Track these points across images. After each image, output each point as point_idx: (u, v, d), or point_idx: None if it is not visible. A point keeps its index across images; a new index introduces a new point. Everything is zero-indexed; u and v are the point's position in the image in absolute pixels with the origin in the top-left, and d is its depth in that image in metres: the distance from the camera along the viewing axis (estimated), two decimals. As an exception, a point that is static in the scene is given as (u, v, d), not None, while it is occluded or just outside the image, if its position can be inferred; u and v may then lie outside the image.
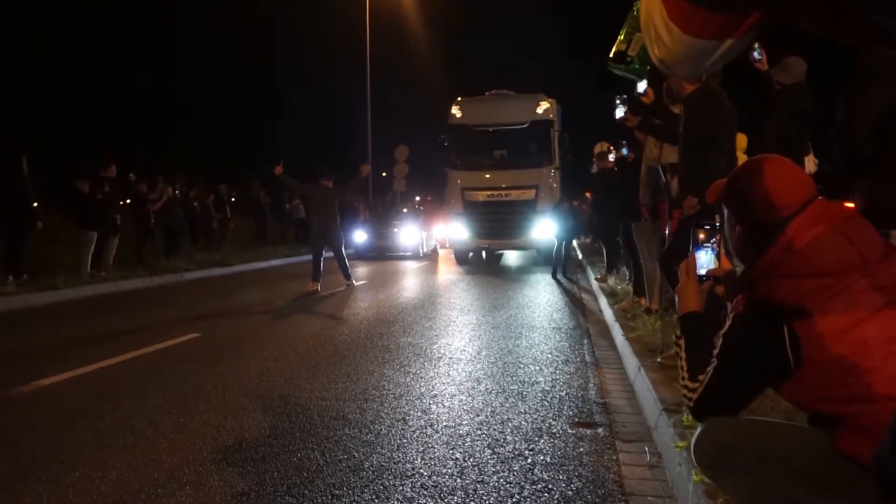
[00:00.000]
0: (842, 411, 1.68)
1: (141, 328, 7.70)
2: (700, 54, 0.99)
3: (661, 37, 1.02)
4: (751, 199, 1.92)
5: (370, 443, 3.74)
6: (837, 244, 1.74)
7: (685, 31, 0.98)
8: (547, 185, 16.63)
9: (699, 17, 0.96)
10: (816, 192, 1.90)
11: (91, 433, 3.96)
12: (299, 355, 6.14)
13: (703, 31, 0.96)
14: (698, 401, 1.92)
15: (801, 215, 1.82)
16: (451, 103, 18.22)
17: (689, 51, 0.99)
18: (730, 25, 0.95)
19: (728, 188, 2.02)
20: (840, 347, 1.65)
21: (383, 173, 34.98)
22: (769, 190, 1.88)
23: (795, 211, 1.83)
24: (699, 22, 0.96)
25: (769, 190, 1.88)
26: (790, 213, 1.84)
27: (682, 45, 0.99)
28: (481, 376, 5.29)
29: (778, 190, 1.87)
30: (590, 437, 3.85)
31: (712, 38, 0.97)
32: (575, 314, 8.77)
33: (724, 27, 0.95)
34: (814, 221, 1.79)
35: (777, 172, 1.92)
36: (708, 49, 0.98)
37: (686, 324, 2.14)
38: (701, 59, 1.00)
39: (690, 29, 0.97)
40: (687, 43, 0.99)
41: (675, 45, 1.00)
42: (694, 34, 0.97)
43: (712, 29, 0.96)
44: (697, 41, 0.98)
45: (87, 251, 12.39)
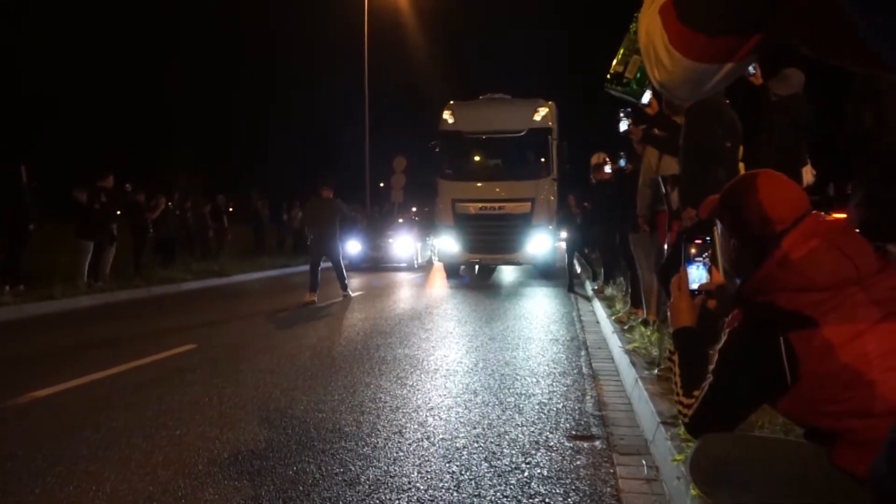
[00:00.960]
0: (839, 426, 1.67)
1: (137, 339, 7.68)
2: (700, 78, 1.01)
3: (661, 60, 1.03)
4: (745, 213, 1.92)
5: (367, 456, 3.73)
6: (833, 258, 1.74)
7: (686, 55, 0.99)
8: (544, 198, 15.47)
9: (700, 41, 0.97)
10: (810, 207, 1.90)
11: (86, 446, 3.94)
12: (296, 367, 6.12)
13: (703, 56, 0.97)
14: (694, 417, 1.91)
15: (796, 230, 1.82)
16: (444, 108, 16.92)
17: (690, 75, 1.01)
18: (730, 50, 0.96)
19: (722, 203, 2.02)
20: (838, 362, 1.65)
21: (381, 183, 35.03)
22: (763, 205, 1.88)
23: (790, 225, 1.83)
24: (700, 46, 0.97)
25: (763, 205, 1.88)
26: (784, 227, 1.84)
27: (683, 69, 1.00)
28: (478, 388, 5.28)
29: (772, 205, 1.87)
30: (587, 450, 3.84)
31: (712, 63, 0.98)
32: (572, 325, 8.76)
33: (724, 52, 0.96)
34: (808, 236, 1.79)
35: (771, 187, 1.92)
36: (709, 73, 1.00)
37: (679, 339, 2.13)
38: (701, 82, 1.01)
39: (691, 53, 0.98)
40: (688, 67, 1.00)
41: (676, 68, 1.01)
42: (695, 59, 0.98)
43: (712, 53, 0.97)
44: (698, 65, 0.99)
45: (85, 261, 12.39)
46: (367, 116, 26.08)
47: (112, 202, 12.91)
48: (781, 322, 1.73)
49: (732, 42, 0.95)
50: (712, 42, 0.95)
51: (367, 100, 25.84)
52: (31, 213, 11.33)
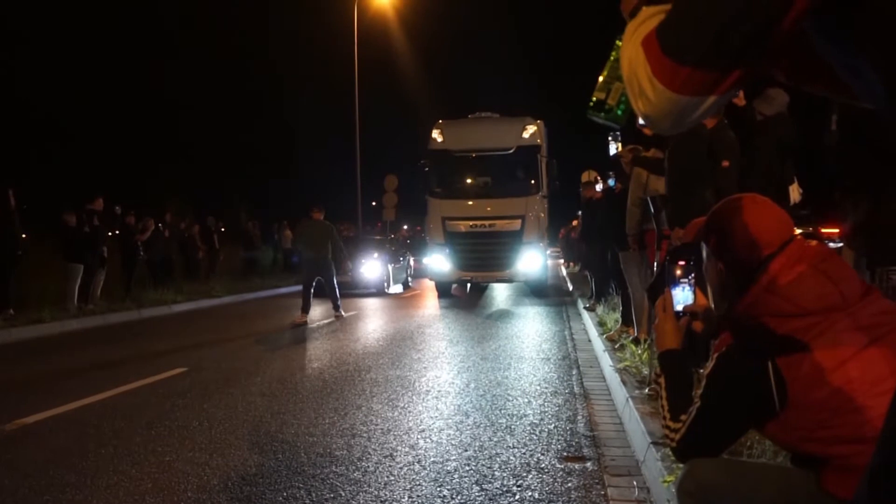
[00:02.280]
0: (828, 452, 1.67)
1: (128, 362, 7.63)
2: (684, 110, 1.02)
3: (645, 92, 1.04)
4: (732, 238, 1.92)
5: (357, 481, 3.71)
6: (818, 284, 1.74)
7: (669, 87, 1.00)
8: (534, 215, 15.58)
9: (683, 74, 0.98)
10: (795, 232, 1.91)
11: (73, 473, 3.91)
12: (287, 389, 6.09)
13: (686, 88, 0.98)
14: (681, 441, 1.91)
15: (782, 255, 1.82)
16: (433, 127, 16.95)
17: (674, 107, 1.02)
18: (713, 82, 0.97)
19: (708, 226, 2.03)
20: (826, 387, 1.65)
21: (373, 202, 35.07)
22: (750, 229, 1.88)
23: (776, 250, 1.84)
24: (683, 79, 0.98)
25: (750, 229, 1.88)
26: (771, 252, 1.84)
27: (667, 100, 1.01)
28: (470, 409, 5.27)
29: (758, 229, 1.88)
30: (578, 471, 3.83)
31: (696, 95, 0.99)
32: (563, 344, 8.76)
33: (707, 84, 0.97)
34: (795, 261, 1.80)
35: (757, 212, 1.92)
36: (692, 105, 1.01)
37: (665, 362, 2.13)
38: (685, 114, 1.02)
39: (674, 86, 0.99)
40: (671, 99, 1.01)
41: (660, 100, 1.02)
42: (678, 91, 0.99)
43: (695, 86, 0.98)
44: (681, 97, 1.00)
45: (74, 284, 12.33)
46: (358, 135, 26.16)
47: (102, 225, 12.88)
48: (769, 347, 1.74)
49: (716, 75, 0.96)
50: (695, 74, 0.96)
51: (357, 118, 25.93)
52: (19, 238, 11.30)
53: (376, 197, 29.44)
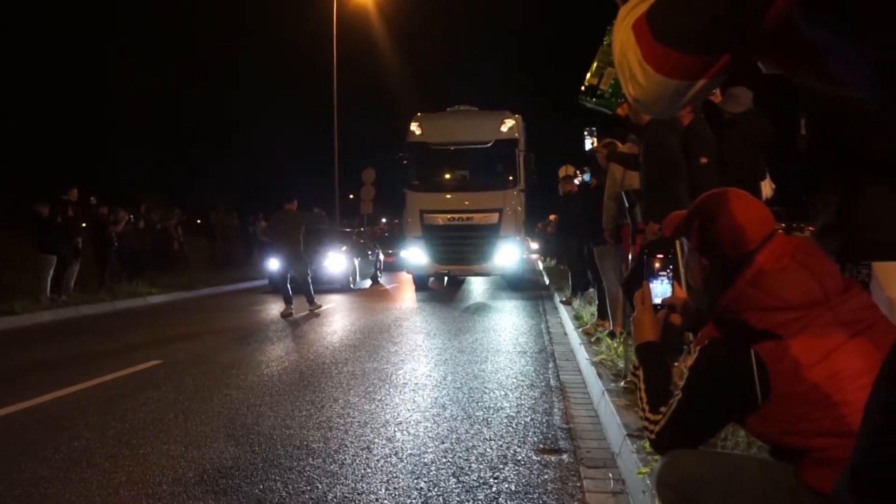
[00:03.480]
0: (808, 445, 1.69)
1: (102, 355, 7.56)
2: (674, 94, 1.03)
3: (635, 76, 1.05)
4: (715, 232, 1.92)
5: (334, 473, 3.70)
6: (802, 278, 1.76)
7: (659, 71, 1.01)
8: (511, 209, 15.66)
9: (673, 58, 0.98)
10: (777, 227, 1.93)
11: (46, 466, 3.86)
12: (263, 382, 6.07)
13: (676, 72, 1.00)
14: (660, 433, 1.92)
15: (766, 249, 1.84)
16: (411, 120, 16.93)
17: (664, 91, 1.03)
18: (702, 67, 0.98)
19: (689, 221, 2.03)
20: (808, 381, 1.67)
21: (350, 195, 34.94)
22: (735, 224, 1.89)
23: (759, 245, 1.86)
24: (673, 63, 0.99)
25: (735, 224, 1.89)
26: (754, 247, 1.86)
27: (657, 84, 1.02)
28: (447, 402, 5.28)
29: (744, 224, 1.88)
30: (554, 463, 3.86)
31: (685, 79, 1.00)
32: (540, 337, 8.81)
33: (696, 68, 0.98)
34: (778, 255, 1.81)
35: (741, 207, 1.93)
36: (681, 89, 1.02)
37: (643, 354, 2.14)
38: (675, 98, 1.03)
39: (664, 69, 1.00)
40: (661, 83, 1.02)
41: (650, 84, 1.03)
42: (668, 75, 1.00)
43: (685, 70, 0.99)
44: (671, 81, 1.01)
45: (47, 275, 12.16)
46: (336, 128, 26.03)
47: (76, 216, 12.70)
48: (752, 341, 1.75)
49: (705, 59, 0.97)
50: (685, 59, 0.97)
51: (335, 111, 25.80)
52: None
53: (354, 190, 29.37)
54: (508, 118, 16.27)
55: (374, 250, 20.98)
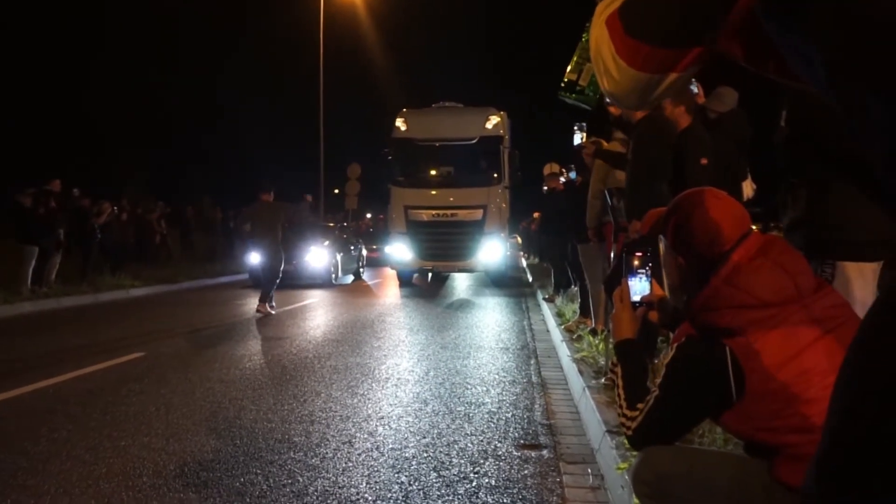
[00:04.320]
0: (781, 441, 1.72)
1: (83, 347, 7.51)
2: (646, 87, 1.06)
3: (609, 70, 1.08)
4: (691, 232, 1.95)
5: (315, 467, 3.72)
6: (776, 276, 1.79)
7: (631, 65, 1.04)
8: (496, 205, 15.72)
9: (644, 51, 1.01)
10: (752, 225, 1.96)
11: (25, 458, 3.85)
12: (246, 376, 6.06)
13: (647, 66, 1.03)
14: (637, 430, 1.94)
15: (741, 248, 1.87)
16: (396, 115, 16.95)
17: (636, 84, 1.06)
18: (673, 60, 1.01)
19: (667, 220, 2.06)
20: (780, 379, 1.70)
21: (335, 190, 34.85)
22: (710, 224, 1.92)
23: (734, 244, 1.89)
24: (643, 57, 1.02)
25: (710, 224, 1.92)
26: (730, 246, 1.89)
27: (629, 78, 1.06)
28: (429, 397, 5.31)
29: (719, 224, 1.91)
30: (535, 459, 3.89)
31: (656, 73, 1.03)
32: (522, 334, 8.85)
33: (667, 62, 1.01)
34: (753, 254, 1.84)
35: (718, 206, 1.96)
36: (653, 82, 1.05)
37: (621, 351, 2.17)
38: (647, 91, 1.07)
39: (636, 63, 1.03)
40: (633, 76, 1.05)
41: (623, 78, 1.06)
42: (639, 68, 1.04)
43: (656, 64, 1.02)
44: (643, 75, 1.04)
45: (28, 266, 12.05)
46: (322, 121, 25.95)
47: (59, 207, 12.59)
48: (728, 338, 1.78)
49: (675, 53, 1.00)
50: (655, 52, 1.00)
51: (321, 104, 25.71)
52: None
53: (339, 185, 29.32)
54: (493, 115, 16.30)
55: (357, 245, 20.78)
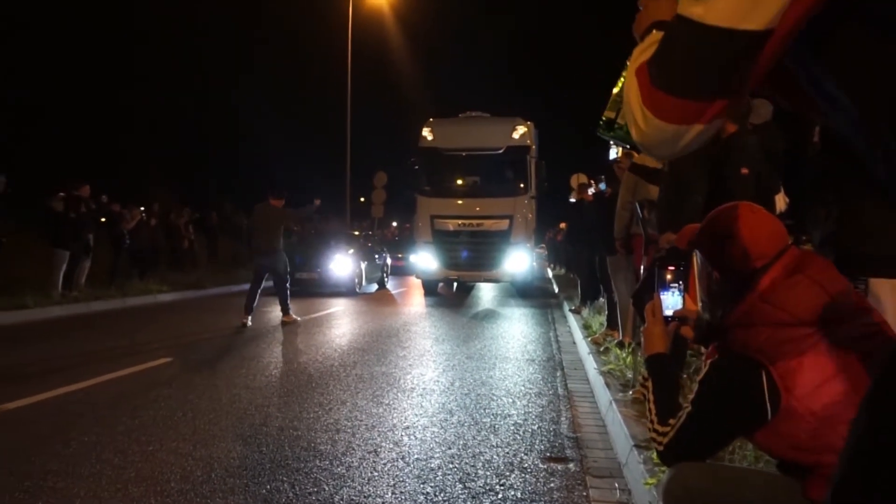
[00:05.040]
0: (816, 461, 1.68)
1: (112, 351, 7.60)
2: (672, 138, 1.07)
3: (636, 120, 1.10)
4: (728, 247, 1.92)
5: (341, 476, 3.72)
6: (813, 294, 1.75)
7: (657, 115, 1.05)
8: (522, 216, 15.66)
9: (669, 103, 1.03)
10: (790, 242, 1.93)
11: (56, 461, 3.89)
12: (271, 383, 6.09)
13: (672, 117, 1.04)
14: (668, 445, 1.92)
15: (777, 264, 1.84)
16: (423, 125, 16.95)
17: (662, 135, 1.07)
18: (698, 112, 1.02)
19: (702, 235, 2.04)
20: (818, 398, 1.66)
21: (361, 199, 35.01)
22: (746, 239, 1.89)
23: (771, 260, 1.85)
24: (669, 108, 1.03)
25: (746, 239, 1.89)
26: (766, 262, 1.86)
27: (655, 128, 1.07)
28: (454, 408, 5.29)
29: (755, 239, 1.88)
30: (561, 472, 3.86)
31: (682, 124, 1.04)
32: (548, 345, 8.80)
33: (692, 113, 1.02)
34: (790, 270, 1.81)
35: (753, 221, 1.93)
36: (679, 133, 1.06)
37: (652, 366, 2.14)
38: (673, 142, 1.08)
39: (661, 114, 1.05)
40: (659, 127, 1.06)
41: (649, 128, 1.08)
42: (664, 119, 1.05)
43: (680, 115, 1.03)
44: (669, 126, 1.05)
45: (60, 270, 12.24)
46: (349, 130, 26.11)
47: (88, 212, 12.79)
48: (763, 356, 1.75)
49: (700, 105, 1.01)
50: (681, 104, 1.02)
51: (349, 113, 25.88)
52: (4, 224, 11.25)
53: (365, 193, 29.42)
54: (520, 125, 16.26)
55: (382, 254, 20.62)
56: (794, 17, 0.94)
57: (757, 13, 0.93)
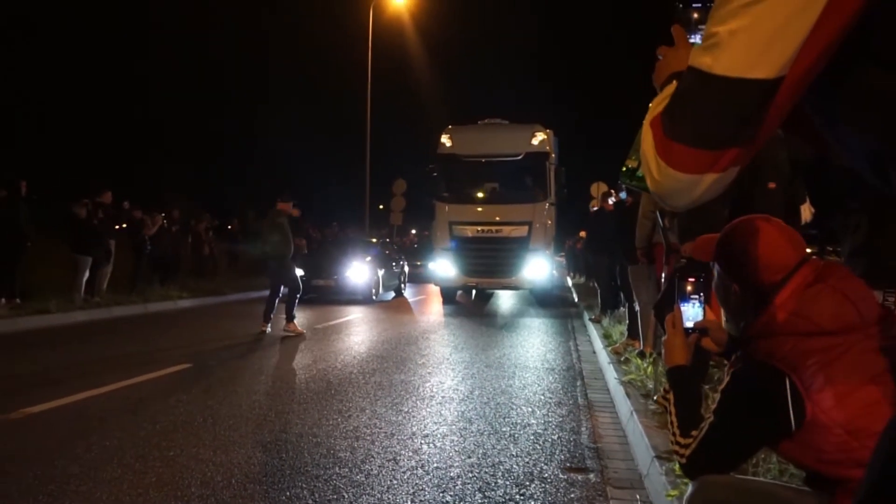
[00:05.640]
0: (844, 475, 1.64)
1: (133, 356, 7.66)
2: (687, 188, 1.07)
3: (651, 170, 1.10)
4: (745, 260, 1.89)
5: (360, 483, 3.71)
6: (836, 302, 1.73)
7: (671, 165, 1.05)
8: (541, 222, 15.55)
9: (682, 153, 1.02)
10: (809, 253, 1.91)
11: (78, 464, 3.92)
12: (291, 389, 6.10)
13: (686, 167, 1.03)
14: (691, 458, 1.88)
15: (798, 274, 1.81)
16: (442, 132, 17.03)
17: (676, 185, 1.07)
18: (711, 161, 1.01)
19: (721, 249, 2.02)
20: (845, 410, 1.63)
21: (380, 206, 35.12)
22: (765, 252, 1.86)
23: (791, 271, 1.83)
24: (682, 158, 1.03)
25: (765, 252, 1.86)
26: (786, 273, 1.84)
27: (669, 178, 1.06)
28: (473, 416, 5.27)
29: (774, 251, 1.86)
30: (581, 482, 3.82)
31: (695, 173, 1.03)
32: (568, 354, 8.75)
33: (705, 163, 1.02)
34: (811, 280, 1.79)
35: (771, 233, 1.90)
36: (694, 183, 1.06)
37: (674, 378, 2.10)
38: (688, 191, 1.08)
39: (674, 164, 1.04)
40: (672, 176, 1.06)
41: (663, 178, 1.08)
42: (678, 169, 1.04)
43: (694, 164, 1.02)
44: (682, 175, 1.04)
45: (82, 276, 12.35)
46: (369, 137, 26.21)
47: (108, 218, 12.90)
48: (786, 366, 1.72)
49: (713, 154, 1.00)
50: (694, 153, 1.01)
51: (368, 121, 25.98)
52: (27, 229, 11.39)
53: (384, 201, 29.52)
54: (539, 131, 16.21)
55: (399, 261, 20.34)
56: (806, 64, 0.93)
57: (766, 61, 0.92)
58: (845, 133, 0.97)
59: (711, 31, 0.97)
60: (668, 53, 1.33)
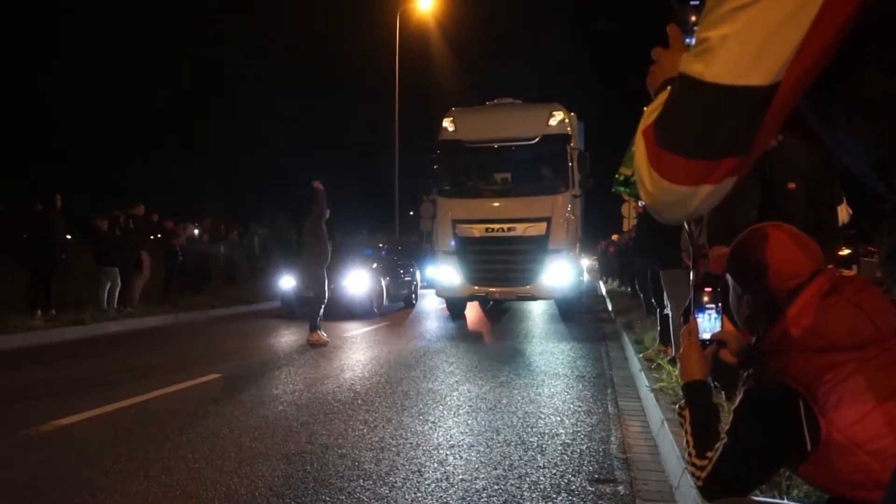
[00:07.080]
0: (866, 497, 1.56)
1: (164, 366, 7.72)
2: (681, 200, 1.02)
3: (643, 182, 1.05)
4: (757, 269, 1.82)
5: (384, 496, 3.67)
6: (851, 316, 1.64)
7: (664, 177, 1.00)
8: (562, 217, 12.65)
9: (675, 163, 0.97)
10: (825, 263, 1.82)
11: (105, 477, 3.94)
12: (317, 399, 6.09)
13: (679, 178, 0.98)
14: (707, 479, 1.79)
15: (811, 286, 1.73)
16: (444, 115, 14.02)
17: (670, 197, 1.02)
18: (705, 172, 0.96)
19: (733, 259, 1.94)
20: (864, 429, 1.54)
21: (410, 212, 35.15)
22: (774, 259, 1.79)
23: (805, 281, 1.75)
24: (675, 168, 0.98)
25: (774, 259, 1.79)
26: (799, 282, 1.76)
27: (663, 190, 1.02)
28: (500, 426, 5.20)
29: (786, 260, 1.79)
30: (609, 494, 3.74)
31: (690, 185, 0.98)
32: (599, 361, 8.63)
33: (699, 174, 0.97)
34: (825, 292, 1.71)
35: (783, 242, 1.83)
36: (688, 195, 1.00)
37: (690, 394, 2.00)
38: (683, 204, 1.02)
39: (669, 175, 0.99)
40: (666, 188, 1.01)
41: (657, 190, 1.03)
42: (672, 180, 0.99)
43: (688, 176, 0.98)
44: (676, 187, 0.99)
45: (103, 289, 12.45)
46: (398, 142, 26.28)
47: (137, 229, 13.05)
48: (800, 384, 1.64)
49: (707, 164, 0.95)
50: (687, 164, 0.96)
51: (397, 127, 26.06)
52: (63, 241, 11.60)
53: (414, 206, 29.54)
54: (558, 111, 13.24)
55: (410, 269, 18.32)
56: (801, 69, 0.88)
57: (759, 67, 0.88)
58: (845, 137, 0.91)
59: (702, 36, 0.92)
60: (662, 56, 1.27)
